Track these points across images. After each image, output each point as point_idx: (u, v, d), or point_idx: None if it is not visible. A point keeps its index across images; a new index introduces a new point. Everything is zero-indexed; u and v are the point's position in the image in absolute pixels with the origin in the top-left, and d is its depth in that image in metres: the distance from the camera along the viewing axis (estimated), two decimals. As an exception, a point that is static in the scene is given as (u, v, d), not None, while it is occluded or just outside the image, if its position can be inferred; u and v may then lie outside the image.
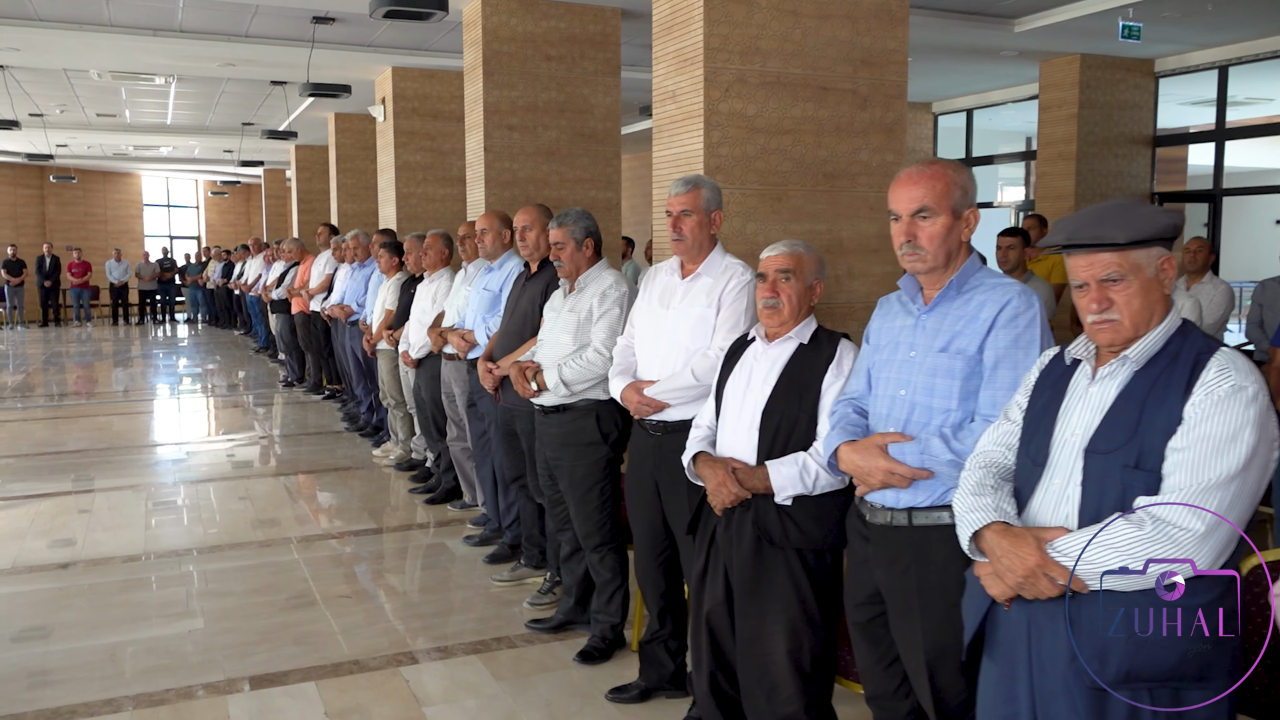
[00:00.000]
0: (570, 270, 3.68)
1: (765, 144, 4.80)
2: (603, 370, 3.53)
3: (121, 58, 10.26)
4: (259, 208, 25.13)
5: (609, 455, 3.63)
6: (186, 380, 12.51)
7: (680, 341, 3.10)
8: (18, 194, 21.90)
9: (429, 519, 5.74)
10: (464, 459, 5.69)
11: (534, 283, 4.19)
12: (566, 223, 3.67)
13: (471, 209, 8.10)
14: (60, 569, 4.79)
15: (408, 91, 10.55)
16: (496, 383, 4.20)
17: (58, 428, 8.69)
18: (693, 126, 4.75)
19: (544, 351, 3.70)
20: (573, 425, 3.62)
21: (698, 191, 3.14)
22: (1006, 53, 9.91)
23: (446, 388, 5.52)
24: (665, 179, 5.00)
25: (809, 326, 2.65)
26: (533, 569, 4.57)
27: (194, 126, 16.01)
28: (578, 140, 8.02)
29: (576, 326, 3.61)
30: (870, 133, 5.02)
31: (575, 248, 3.67)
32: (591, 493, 3.62)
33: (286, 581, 4.60)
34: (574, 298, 3.68)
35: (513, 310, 4.26)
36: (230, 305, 18.65)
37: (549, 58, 7.82)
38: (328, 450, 7.70)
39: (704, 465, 2.64)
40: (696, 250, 3.16)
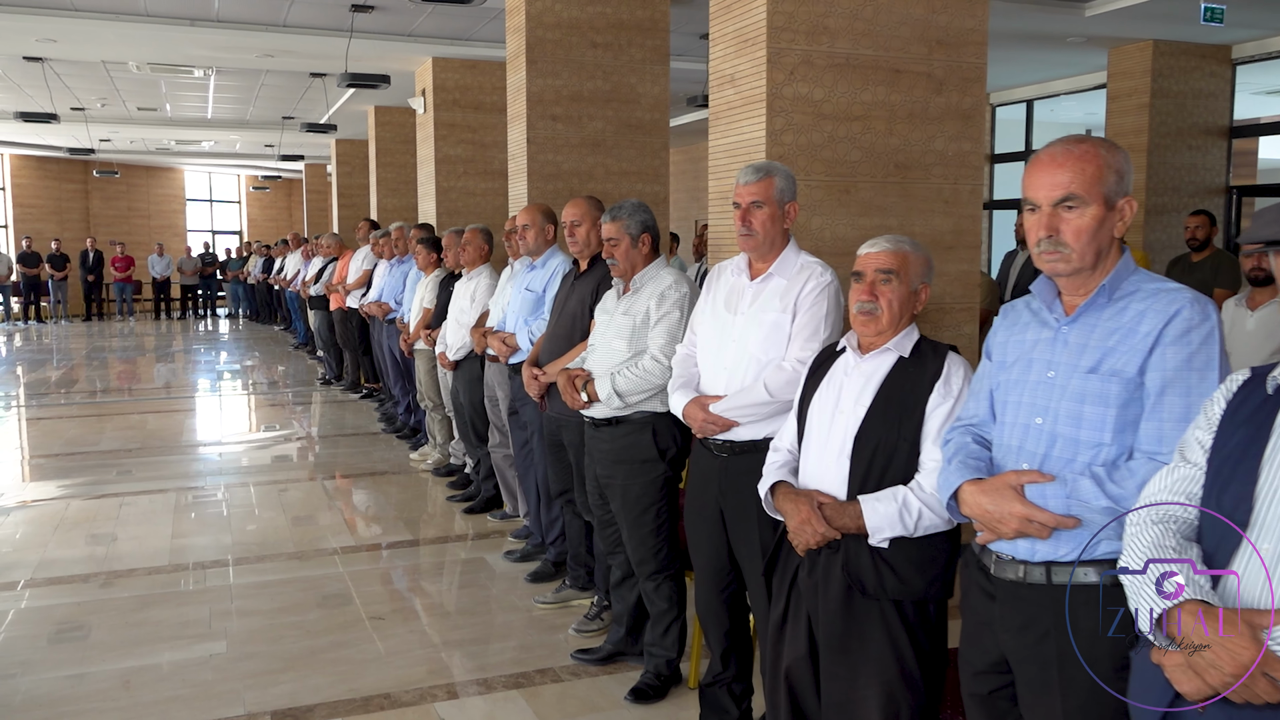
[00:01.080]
0: (625, 269, 3.34)
1: (833, 131, 4.42)
2: (661, 380, 3.18)
3: (159, 49, 10.08)
4: (300, 202, 25.09)
5: (666, 474, 3.29)
6: (224, 377, 12.35)
7: (750, 351, 2.75)
8: (62, 189, 22.00)
9: (468, 529, 5.43)
10: (505, 467, 5.38)
11: (583, 282, 3.85)
12: (621, 216, 3.32)
13: (513, 203, 7.79)
14: (81, 581, 4.54)
15: (448, 82, 10.27)
16: (542, 390, 3.87)
17: (91, 426, 8.52)
18: (754, 112, 4.38)
19: (595, 358, 3.36)
20: (626, 440, 3.28)
21: (770, 180, 2.79)
22: (1074, 39, 9.42)
23: (489, 391, 5.21)
24: (723, 170, 4.64)
25: (910, 337, 2.28)
26: (578, 590, 4.24)
27: (234, 120, 15.89)
28: (624, 131, 7.67)
29: (631, 331, 3.26)
30: (945, 119, 4.63)
31: (630, 244, 3.32)
32: (646, 515, 3.28)
33: (317, 599, 4.31)
34: (629, 299, 3.34)
35: (560, 312, 3.92)
36: (270, 300, 18.56)
37: (595, 45, 7.48)
38: (364, 453, 7.43)
39: (785, 498, 2.28)
40: (768, 247, 2.80)
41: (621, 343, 3.27)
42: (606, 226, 3.33)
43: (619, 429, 3.29)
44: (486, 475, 5.74)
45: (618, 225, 3.31)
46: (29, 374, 12.36)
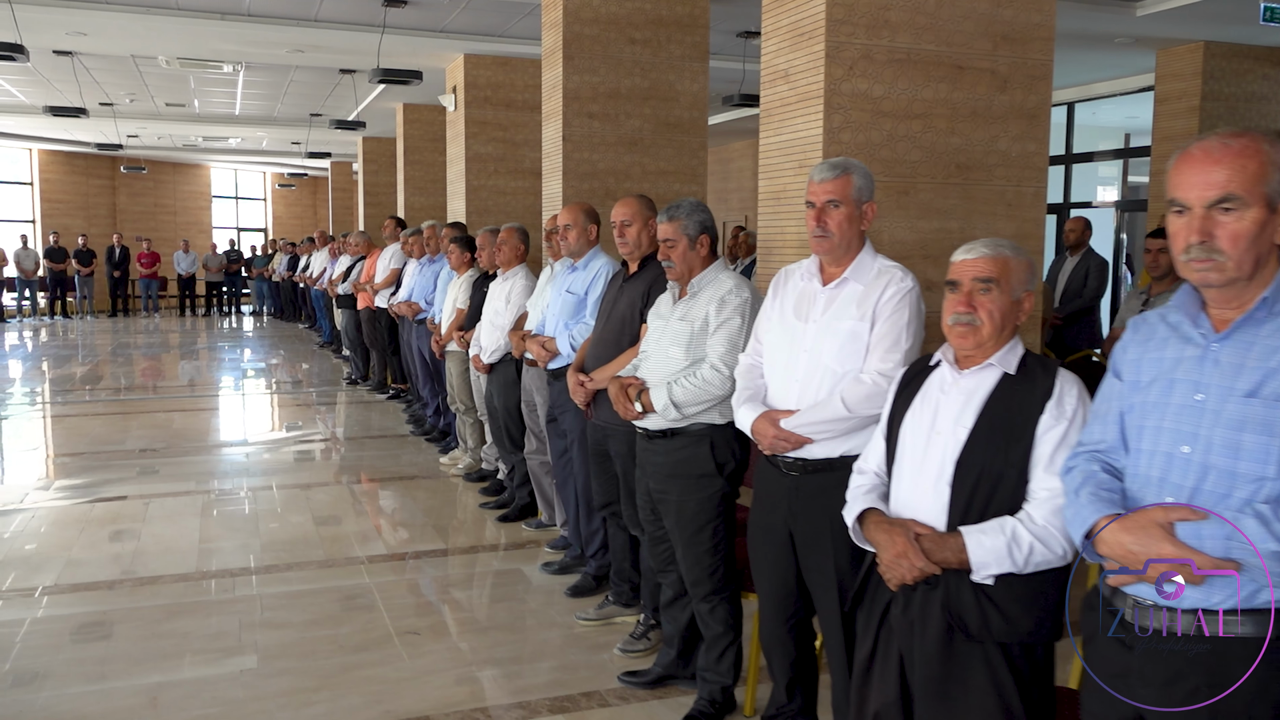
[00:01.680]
0: (682, 272, 3.15)
1: (892, 130, 4.22)
2: (721, 391, 3.00)
3: (189, 43, 9.98)
4: (325, 200, 25.07)
5: (724, 489, 3.10)
6: (250, 375, 12.26)
7: (824, 362, 2.55)
8: (90, 184, 22.04)
9: (502, 539, 5.26)
10: (542, 474, 5.20)
11: (634, 285, 3.67)
12: (678, 216, 3.14)
13: (548, 202, 7.62)
14: (106, 588, 4.40)
15: (480, 80, 10.12)
16: (588, 398, 3.69)
17: (117, 424, 8.41)
18: (809, 109, 4.19)
19: (650, 366, 3.17)
20: (683, 453, 3.09)
21: (848, 178, 2.59)
22: (1121, 40, 9.16)
23: (527, 395, 5.03)
24: (775, 169, 4.45)
25: (1015, 351, 2.08)
26: (622, 607, 4.06)
27: (262, 117, 15.82)
28: (662, 130, 7.49)
29: (689, 338, 3.07)
30: (1010, 119, 4.42)
31: (688, 245, 3.14)
32: (703, 533, 3.09)
33: (350, 611, 4.15)
34: (685, 304, 3.15)
35: (607, 316, 3.74)
36: (295, 298, 18.49)
37: (633, 41, 7.31)
38: (392, 456, 7.28)
39: (878, 528, 2.09)
40: (844, 250, 2.61)
41: (678, 350, 3.08)
42: (663, 227, 3.15)
43: (674, 441, 3.10)
44: (521, 482, 5.56)
45: (675, 225, 3.13)
46: (54, 370, 12.31)
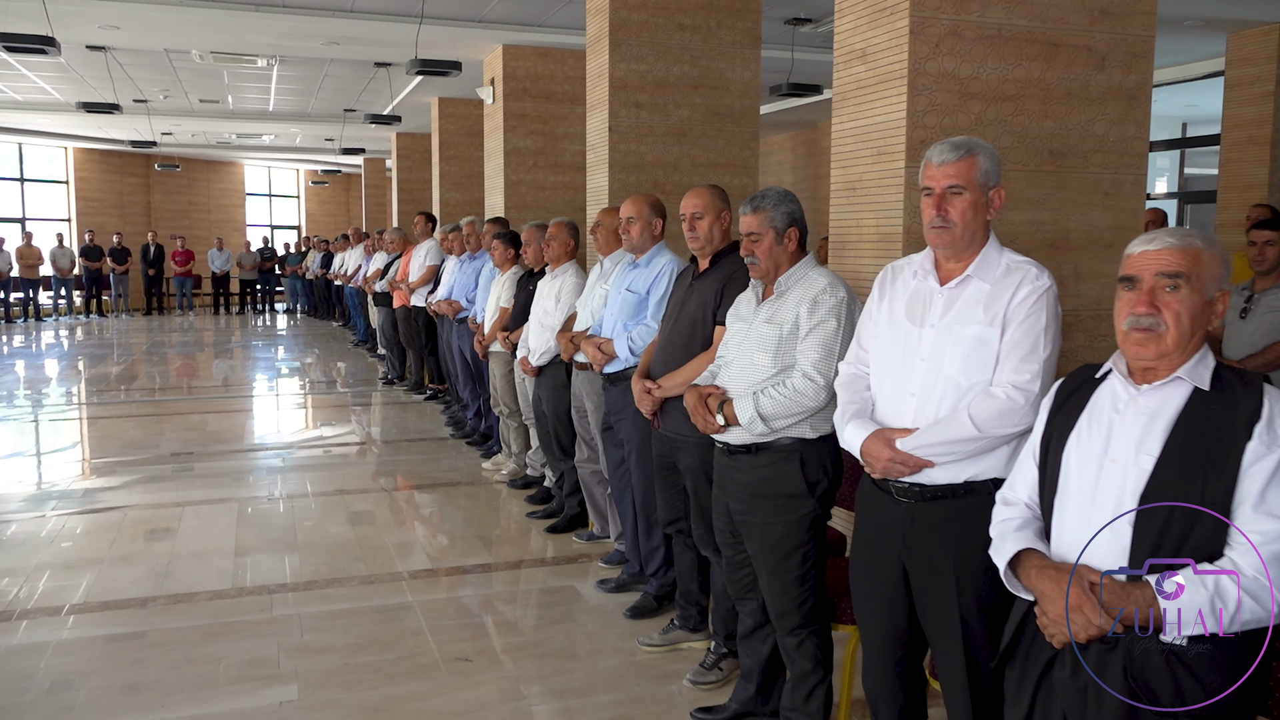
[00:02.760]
0: (767, 269, 2.83)
1: (981, 113, 3.88)
2: (814, 402, 2.68)
3: (222, 37, 9.78)
4: (358, 197, 24.95)
5: (815, 511, 2.78)
6: (284, 374, 12.07)
7: (946, 373, 2.22)
8: (124, 182, 22.02)
9: (551, 551, 4.97)
10: (593, 483, 4.90)
11: (705, 283, 3.35)
12: (764, 207, 2.82)
13: (592, 196, 7.32)
14: (139, 607, 4.15)
15: (518, 71, 9.83)
16: (656, 406, 3.38)
17: (151, 426, 8.22)
18: (891, 91, 3.85)
19: (731, 374, 2.85)
20: (769, 471, 2.77)
21: (972, 160, 2.26)
22: (1190, 22, 8.72)
23: (577, 401, 4.73)
24: (849, 156, 4.12)
25: (1205, 362, 1.75)
26: (689, 632, 3.75)
27: (295, 113, 15.65)
28: (712, 120, 7.17)
29: (777, 343, 2.75)
30: (1107, 100, 4.06)
31: (775, 239, 2.82)
32: (791, 559, 2.77)
33: (395, 634, 3.87)
34: (772, 305, 2.83)
35: (676, 316, 3.43)
36: (329, 296, 18.33)
37: (682, 27, 6.99)
38: (432, 460, 7.02)
39: (1041, 574, 1.76)
40: (967, 242, 2.28)
41: (764, 356, 2.77)
42: (746, 219, 2.83)
43: (760, 458, 2.79)
44: (571, 491, 5.27)
45: (760, 217, 2.81)
46: (90, 369, 12.19)
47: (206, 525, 5.34)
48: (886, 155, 3.89)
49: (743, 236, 2.85)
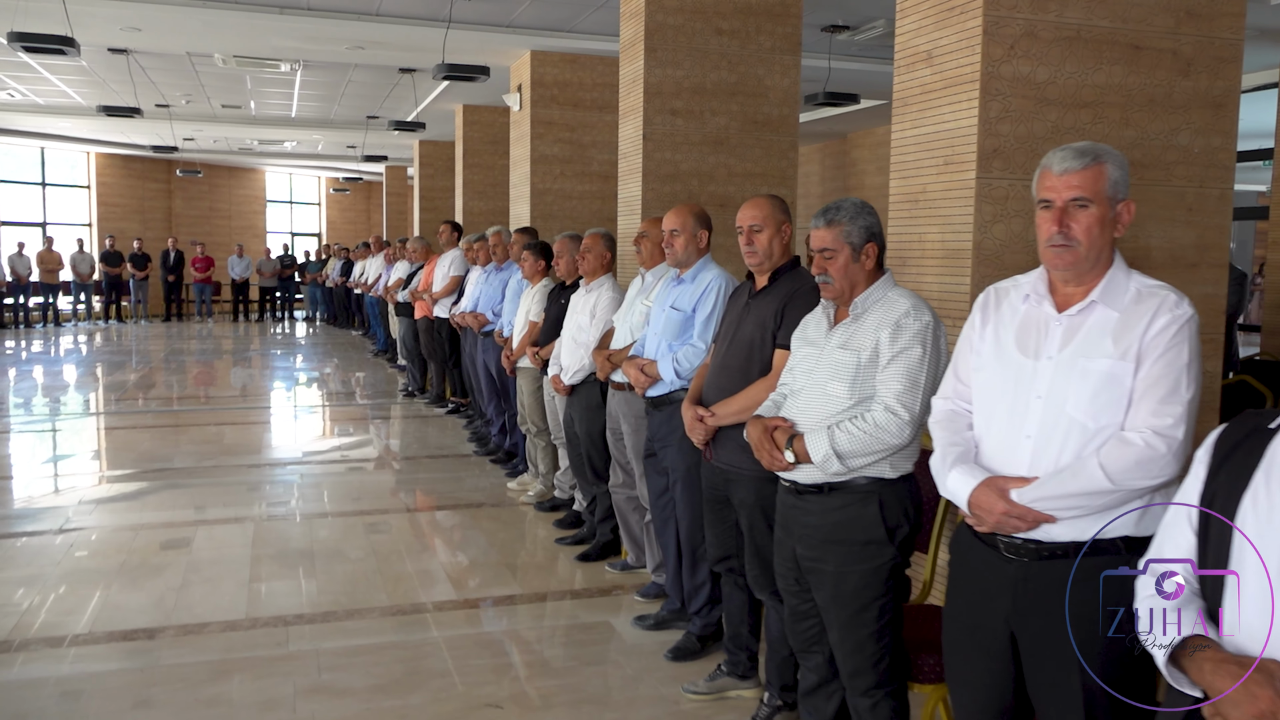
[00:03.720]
0: (842, 288, 2.55)
1: (1058, 120, 3.59)
2: (897, 439, 2.39)
3: (246, 40, 9.59)
4: (379, 205, 24.82)
5: (895, 559, 2.49)
6: (303, 384, 11.85)
7: (1069, 413, 1.93)
8: (146, 188, 21.94)
9: (583, 581, 4.69)
10: (629, 510, 4.63)
11: (763, 302, 3.08)
12: (840, 220, 2.54)
13: (624, 206, 7.07)
14: (146, 638, 3.89)
15: (546, 77, 9.60)
16: (709, 435, 3.10)
17: (167, 438, 7.99)
18: (960, 96, 3.57)
19: (801, 405, 2.57)
20: (844, 514, 2.49)
21: (1100, 169, 1.97)
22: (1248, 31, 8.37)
23: (613, 423, 4.46)
24: (911, 166, 3.84)
25: None
26: (737, 680, 3.46)
27: (318, 119, 15.49)
28: (749, 128, 6.90)
29: (854, 372, 2.47)
30: (1192, 108, 3.76)
31: (851, 256, 2.54)
32: (867, 612, 2.49)
33: (419, 675, 3.60)
34: (847, 329, 2.55)
35: (730, 338, 3.15)
36: (349, 305, 18.15)
37: (720, 32, 6.73)
38: (455, 478, 6.75)
39: (1218, 669, 1.44)
40: (1091, 263, 1.99)
41: (840, 386, 2.48)
42: (820, 234, 2.55)
43: (833, 499, 2.50)
44: (604, 516, 4.99)
45: (835, 232, 2.53)
46: (107, 376, 12.01)
47: (220, 546, 5.09)
48: (954, 164, 3.61)
49: (814, 253, 2.57)
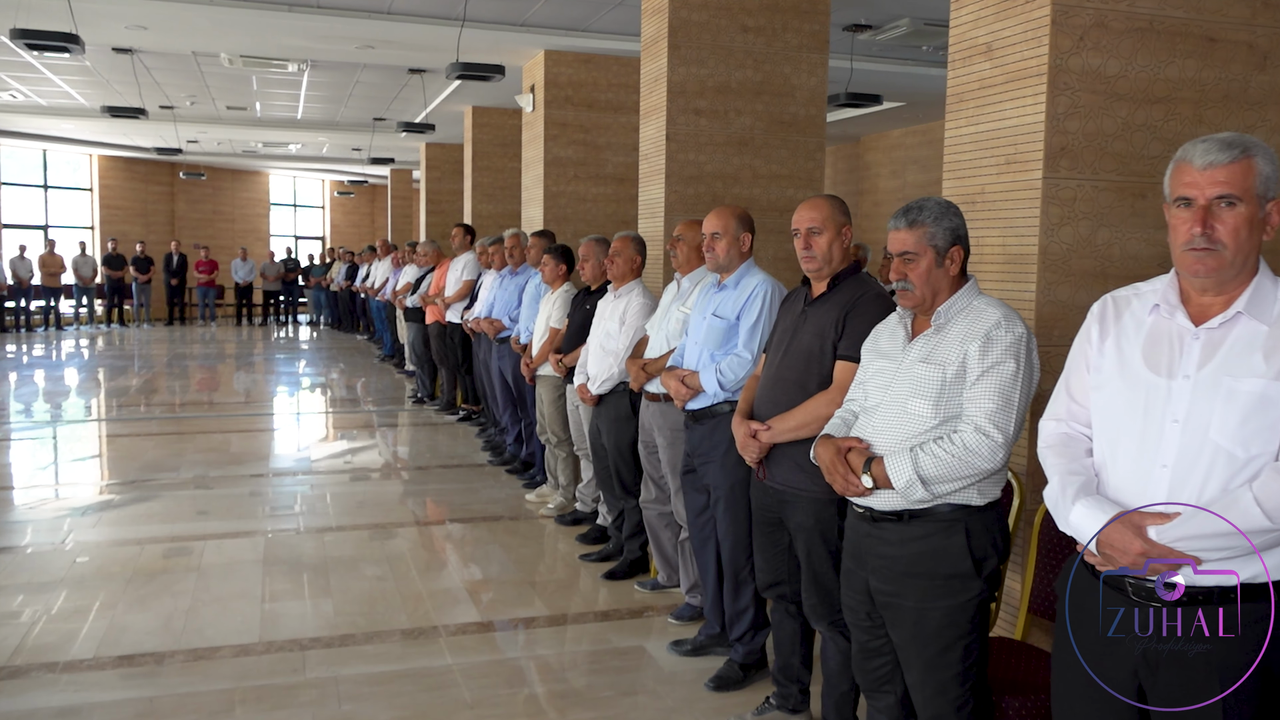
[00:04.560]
0: (924, 296, 2.33)
1: (1128, 117, 3.38)
2: (989, 464, 2.17)
3: (253, 39, 9.39)
4: (384, 209, 24.62)
5: (981, 594, 2.27)
6: (310, 391, 11.63)
7: (1216, 440, 1.70)
8: (149, 190, 21.74)
9: (611, 601, 4.46)
10: (660, 526, 4.41)
11: (821, 310, 2.86)
12: (923, 221, 2.32)
13: (644, 209, 6.85)
14: (154, 664, 3.66)
15: (560, 78, 9.39)
16: (763, 453, 2.88)
17: (171, 446, 7.77)
18: (1024, 90, 3.35)
19: (877, 424, 2.35)
20: (926, 545, 2.27)
21: (1249, 163, 1.76)
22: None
23: (645, 435, 4.24)
24: (968, 165, 3.62)
25: None
26: (788, 713, 3.23)
27: (324, 121, 15.29)
28: (775, 129, 6.69)
29: (939, 388, 2.25)
30: (1269, 104, 3.55)
31: (935, 260, 2.32)
32: (950, 653, 2.26)
33: (444, 708, 3.37)
34: (928, 341, 2.32)
35: (785, 348, 2.93)
36: (353, 309, 17.94)
37: (745, 29, 6.52)
38: (470, 489, 6.53)
39: None
40: (1236, 269, 1.77)
41: (923, 404, 2.26)
42: (900, 236, 2.33)
43: (913, 528, 2.28)
44: (632, 533, 4.77)
45: (917, 234, 2.31)
46: (110, 381, 11.80)
47: (230, 563, 4.86)
48: (1018, 164, 3.39)
49: (892, 256, 2.35)
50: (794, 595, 3.04)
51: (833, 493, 2.74)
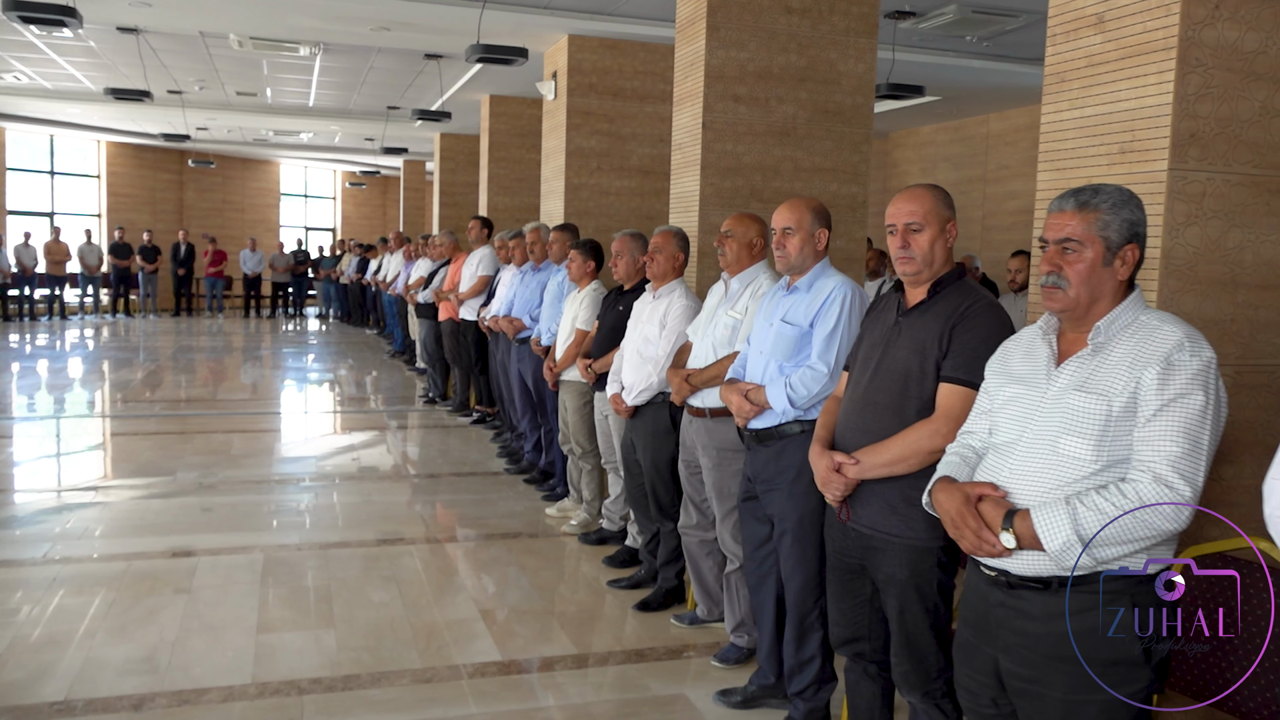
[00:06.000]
0: (1079, 299, 1.86)
1: (1267, 100, 2.90)
2: (1173, 524, 1.72)
3: (264, 19, 8.94)
4: (396, 201, 24.21)
5: (1149, 685, 1.80)
6: (317, 388, 11.19)
7: None
8: (157, 178, 21.33)
9: (645, 638, 4.01)
10: (701, 555, 3.95)
11: (921, 321, 2.40)
12: (1097, 206, 1.85)
13: (677, 202, 6.38)
14: (132, 710, 3.23)
15: (584, 64, 8.92)
16: (848, 491, 2.42)
17: (171, 446, 7.34)
18: (1146, 68, 2.88)
19: (1016, 466, 1.89)
20: (1081, 623, 1.80)
21: None
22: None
23: (687, 454, 3.79)
24: (1069, 154, 3.15)
25: None
26: (864, 790, 2.77)
27: (336, 109, 14.84)
28: (819, 118, 6.21)
29: (1103, 424, 1.79)
30: None
31: (1103, 257, 1.85)
32: (1109, 759, 1.80)
33: (462, 769, 2.92)
34: (1085, 363, 1.86)
35: (875, 365, 2.47)
36: (364, 302, 17.51)
37: (790, 10, 6.04)
38: (486, 501, 6.08)
39: None
40: None
41: (1079, 444, 1.79)
42: (1063, 219, 1.86)
43: (1060, 597, 1.81)
44: (668, 559, 4.31)
45: (1088, 220, 1.84)
46: (112, 373, 11.40)
47: (224, 585, 4.42)
48: (1136, 153, 2.92)
49: (1047, 243, 1.88)
50: (875, 654, 2.58)
51: (932, 539, 2.29)
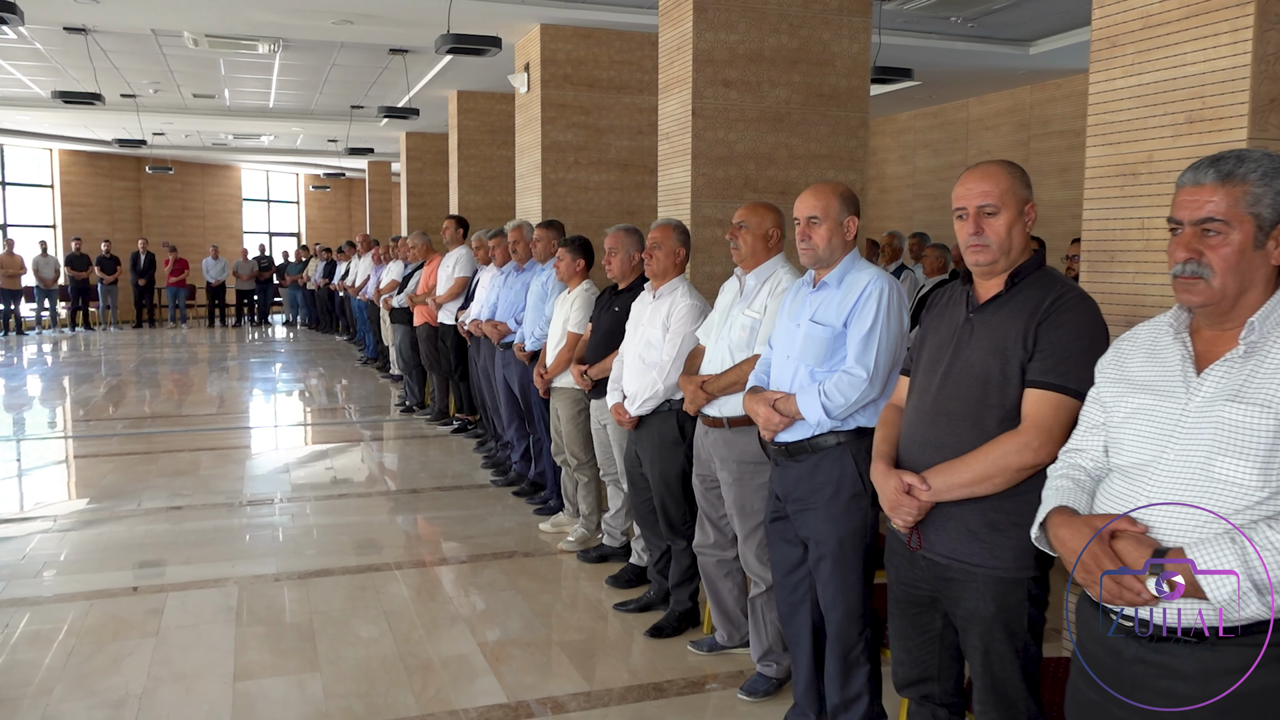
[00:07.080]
0: (1224, 289, 1.55)
1: (1350, 59, 2.62)
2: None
3: (219, 14, 8.49)
4: (361, 203, 23.70)
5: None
6: (288, 399, 10.75)
7: None
8: (114, 186, 20.68)
9: (660, 668, 3.68)
10: (719, 576, 3.63)
11: (997, 319, 2.08)
12: (1245, 178, 1.54)
13: (666, 195, 6.06)
14: (94, 781, 2.85)
15: (558, 55, 8.56)
16: (921, 515, 2.10)
17: (135, 469, 6.91)
18: (1217, 26, 2.59)
19: (1155, 490, 1.57)
20: (1255, 684, 1.48)
21: None
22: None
23: (702, 468, 3.46)
24: (1122, 128, 2.85)
25: None
26: None
27: (298, 110, 14.37)
28: (813, 102, 5.91)
29: (1271, 442, 1.47)
30: None
31: (1254, 239, 1.54)
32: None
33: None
34: (1238, 371, 1.55)
35: (944, 370, 2.15)
36: (331, 308, 17.04)
37: (780, -12, 5.73)
38: (476, 517, 5.72)
39: None
40: None
41: (1239, 466, 1.48)
42: (1203, 194, 1.55)
43: (1228, 655, 1.50)
44: (681, 580, 3.98)
45: (1234, 194, 1.53)
46: (72, 390, 10.90)
47: (195, 624, 4.04)
48: (1206, 121, 2.62)
49: (1180, 225, 1.56)
50: (945, 697, 2.27)
51: (1021, 569, 1.99)
